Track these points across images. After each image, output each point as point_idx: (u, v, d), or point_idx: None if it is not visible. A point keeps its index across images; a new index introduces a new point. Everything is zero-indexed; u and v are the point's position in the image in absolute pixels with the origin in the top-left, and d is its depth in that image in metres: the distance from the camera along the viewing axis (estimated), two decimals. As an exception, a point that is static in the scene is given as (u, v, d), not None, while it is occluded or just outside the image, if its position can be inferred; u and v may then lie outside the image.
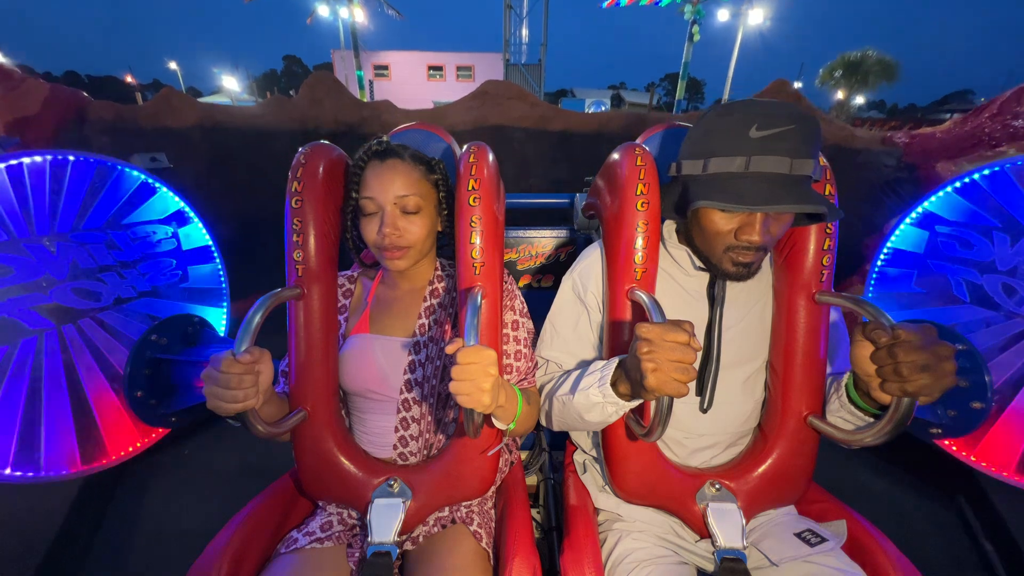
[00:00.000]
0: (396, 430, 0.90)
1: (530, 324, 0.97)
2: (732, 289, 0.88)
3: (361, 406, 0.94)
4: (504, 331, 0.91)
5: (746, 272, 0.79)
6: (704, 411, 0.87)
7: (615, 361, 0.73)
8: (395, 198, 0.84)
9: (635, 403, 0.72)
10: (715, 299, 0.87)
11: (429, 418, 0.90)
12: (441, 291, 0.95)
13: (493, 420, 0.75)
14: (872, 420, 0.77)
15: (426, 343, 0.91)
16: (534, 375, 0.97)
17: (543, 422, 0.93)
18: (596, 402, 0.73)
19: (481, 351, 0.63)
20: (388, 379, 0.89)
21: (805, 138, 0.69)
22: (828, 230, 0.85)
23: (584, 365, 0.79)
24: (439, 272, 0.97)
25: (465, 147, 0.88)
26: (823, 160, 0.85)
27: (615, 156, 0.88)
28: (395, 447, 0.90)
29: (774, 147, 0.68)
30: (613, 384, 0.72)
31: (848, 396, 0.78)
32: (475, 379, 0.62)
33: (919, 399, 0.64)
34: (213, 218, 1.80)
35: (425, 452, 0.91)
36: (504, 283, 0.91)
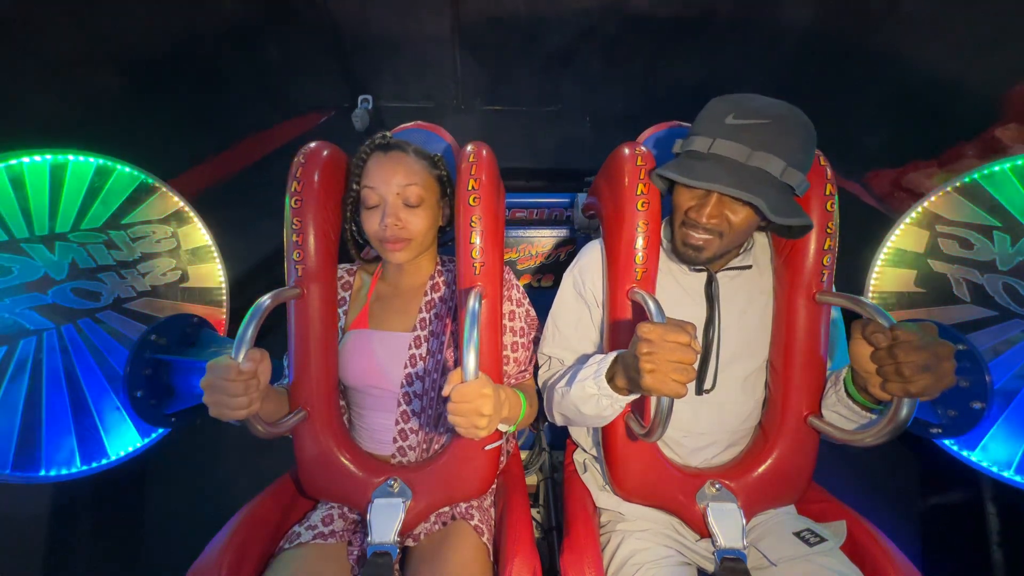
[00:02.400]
0: (396, 423, 0.90)
1: (532, 313, 0.98)
2: (731, 288, 0.88)
3: (361, 402, 0.94)
4: (502, 322, 0.91)
5: (695, 255, 0.79)
6: (702, 394, 0.88)
7: (613, 355, 0.73)
8: (398, 188, 0.84)
9: (631, 398, 0.73)
10: (713, 297, 0.87)
11: (430, 412, 0.90)
12: (442, 286, 0.96)
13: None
14: (868, 415, 0.77)
15: (427, 337, 0.91)
16: (532, 364, 0.98)
17: (547, 416, 0.94)
18: (591, 394, 0.74)
19: (474, 393, 0.65)
20: (388, 373, 0.89)
21: (776, 135, 0.70)
22: (829, 230, 0.85)
23: (586, 360, 0.80)
24: (439, 267, 0.98)
25: (466, 147, 0.88)
26: (826, 166, 0.85)
27: (615, 156, 0.88)
28: (395, 440, 0.90)
29: (738, 135, 0.70)
30: (610, 378, 0.72)
31: (846, 391, 0.79)
32: (468, 416, 0.65)
33: (920, 399, 0.65)
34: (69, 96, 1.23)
35: (425, 447, 0.91)
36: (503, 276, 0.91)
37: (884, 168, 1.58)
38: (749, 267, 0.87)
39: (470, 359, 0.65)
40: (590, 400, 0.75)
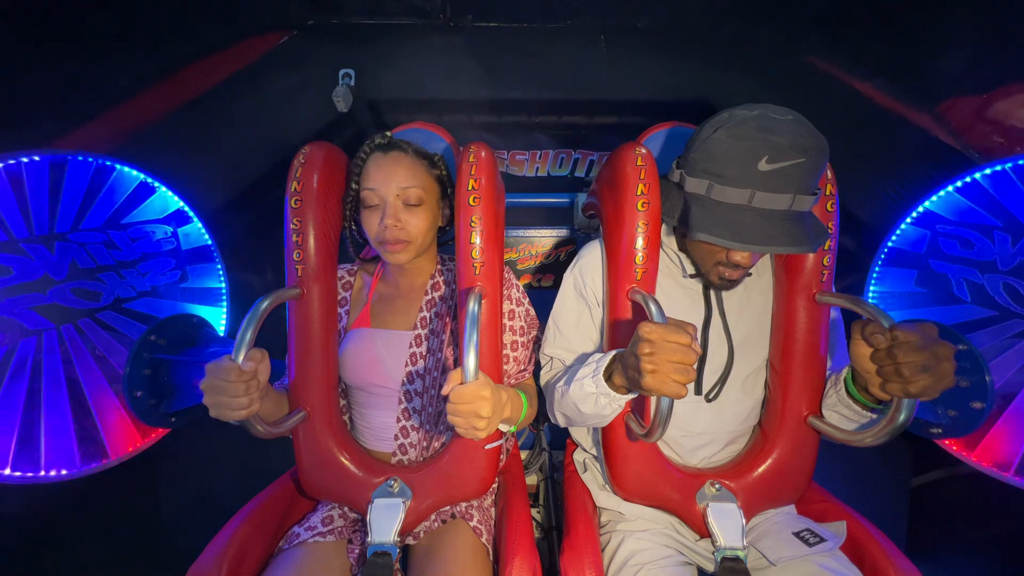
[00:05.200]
0: (398, 420, 0.90)
1: (532, 312, 0.99)
2: (730, 289, 0.88)
3: (362, 400, 0.94)
4: (502, 321, 0.91)
5: (731, 285, 0.82)
6: (709, 401, 0.88)
7: (611, 354, 0.74)
8: (398, 190, 0.84)
9: (629, 396, 0.73)
10: (712, 299, 0.87)
11: (430, 409, 0.90)
12: (443, 285, 0.96)
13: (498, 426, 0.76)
14: (869, 414, 0.78)
15: (427, 336, 0.91)
16: (532, 363, 0.98)
17: (549, 417, 0.94)
18: (590, 392, 0.74)
19: (473, 395, 0.65)
20: (390, 372, 0.90)
21: (811, 171, 0.69)
22: (829, 230, 0.85)
23: (586, 360, 0.80)
24: (440, 267, 0.98)
25: (465, 147, 0.88)
26: (829, 173, 0.85)
27: (615, 156, 0.88)
28: (396, 438, 0.91)
29: (779, 183, 0.68)
30: (609, 377, 0.72)
31: (846, 390, 0.79)
32: (467, 418, 0.65)
33: (920, 399, 0.65)
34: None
35: (425, 445, 0.92)
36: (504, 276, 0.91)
37: (964, 95, 1.27)
38: (749, 272, 0.87)
39: (470, 360, 0.65)
40: (588, 399, 0.75)
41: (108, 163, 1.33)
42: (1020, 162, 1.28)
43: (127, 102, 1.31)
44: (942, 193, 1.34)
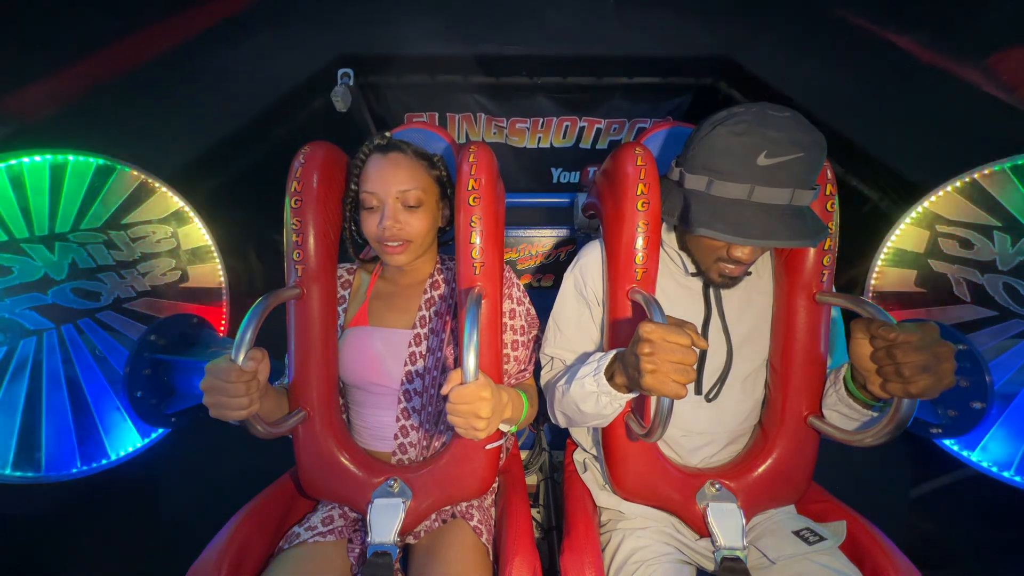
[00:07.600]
0: (397, 420, 0.90)
1: (532, 312, 0.99)
2: (730, 289, 0.88)
3: (361, 399, 0.94)
4: (502, 321, 0.91)
5: (732, 283, 0.83)
6: (709, 401, 0.88)
7: (612, 353, 0.74)
8: (397, 192, 0.84)
9: (630, 396, 0.73)
10: (712, 298, 0.87)
11: (430, 409, 0.90)
12: (442, 284, 0.96)
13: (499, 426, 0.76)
14: (868, 412, 0.78)
15: (427, 335, 0.91)
16: (532, 363, 0.98)
17: (549, 417, 0.94)
18: (591, 391, 0.74)
19: (472, 396, 0.65)
20: (389, 370, 0.90)
21: (810, 166, 0.70)
22: (830, 230, 0.85)
23: (586, 359, 0.80)
24: (439, 266, 0.98)
25: (465, 147, 0.88)
26: (828, 173, 0.86)
27: (615, 156, 0.88)
28: (396, 437, 0.91)
29: (778, 178, 0.69)
30: (610, 376, 0.73)
31: (846, 388, 0.79)
32: (466, 418, 0.65)
33: (920, 399, 0.65)
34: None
35: (425, 444, 0.92)
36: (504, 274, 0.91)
37: (1019, 45, 1.15)
38: (749, 272, 0.88)
39: (470, 360, 0.65)
40: (589, 397, 0.75)
41: (109, 163, 1.33)
42: (1020, 162, 1.28)
43: (81, 61, 1.17)
44: (942, 193, 1.35)
